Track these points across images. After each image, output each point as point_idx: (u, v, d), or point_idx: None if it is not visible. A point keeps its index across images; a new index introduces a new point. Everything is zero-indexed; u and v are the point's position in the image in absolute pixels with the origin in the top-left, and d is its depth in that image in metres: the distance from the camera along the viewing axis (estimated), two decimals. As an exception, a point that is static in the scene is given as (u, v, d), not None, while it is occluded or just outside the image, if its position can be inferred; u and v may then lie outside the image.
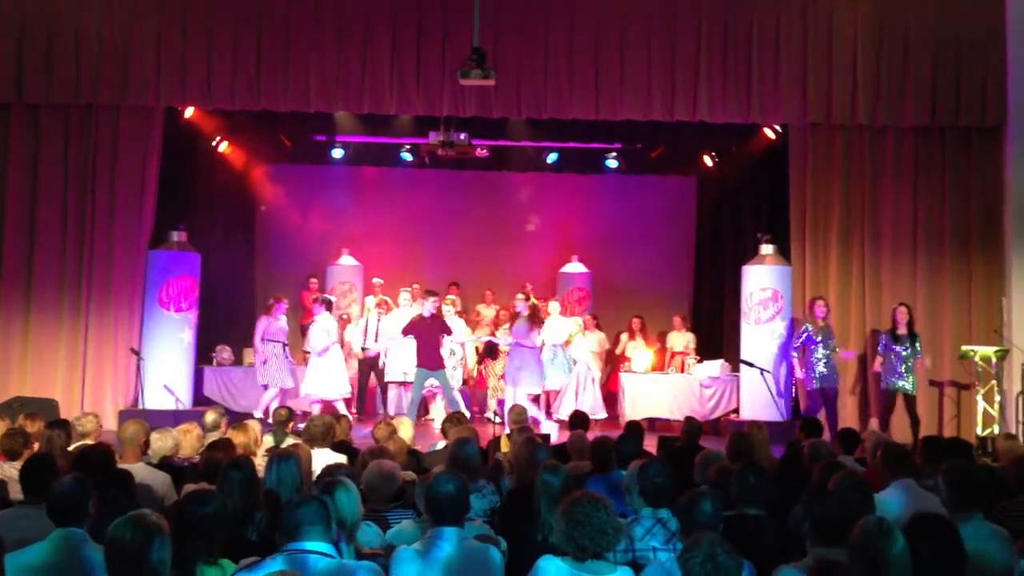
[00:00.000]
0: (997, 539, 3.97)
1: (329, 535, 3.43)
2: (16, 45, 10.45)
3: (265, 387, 10.96)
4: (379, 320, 12.03)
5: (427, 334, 10.43)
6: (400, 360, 11.35)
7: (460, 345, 11.59)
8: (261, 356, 10.98)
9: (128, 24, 10.52)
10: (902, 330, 10.12)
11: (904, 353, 10.04)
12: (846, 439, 6.49)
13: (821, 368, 10.25)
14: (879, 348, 10.29)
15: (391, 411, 11.26)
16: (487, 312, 13.12)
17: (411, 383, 11.39)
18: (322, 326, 10.92)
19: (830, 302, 10.91)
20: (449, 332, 10.73)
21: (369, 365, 12.11)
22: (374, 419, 11.37)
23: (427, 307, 10.53)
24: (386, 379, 11.61)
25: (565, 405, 11.16)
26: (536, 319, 10.68)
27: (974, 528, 3.89)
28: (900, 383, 10.02)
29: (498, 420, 10.32)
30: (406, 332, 10.60)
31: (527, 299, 10.85)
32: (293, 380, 11.11)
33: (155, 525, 3.09)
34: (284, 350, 11.10)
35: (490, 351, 12.27)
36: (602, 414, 11.63)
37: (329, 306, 11.19)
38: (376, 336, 11.97)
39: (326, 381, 10.82)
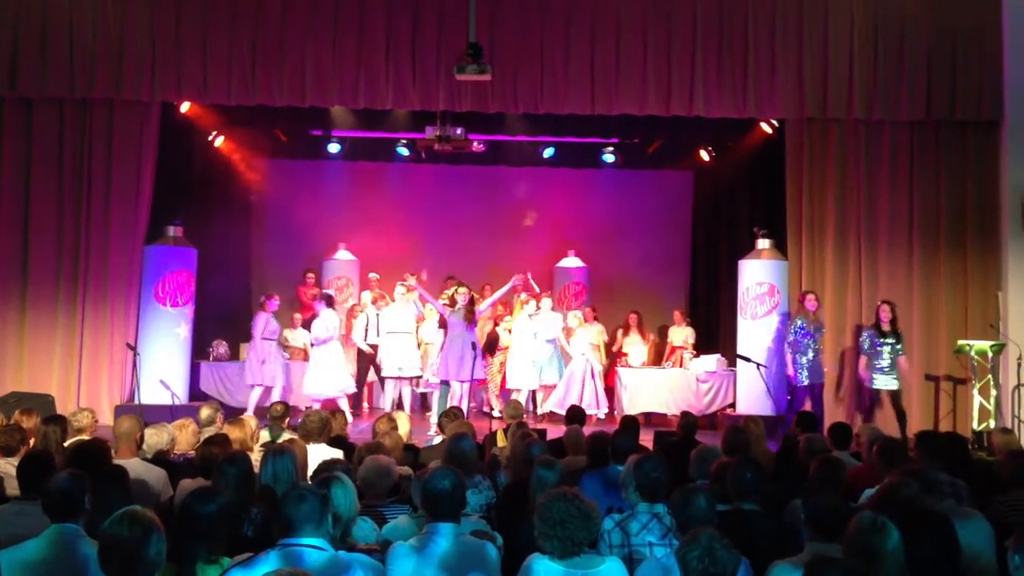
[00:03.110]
0: (991, 536, 3.99)
1: (325, 530, 3.43)
2: (10, 37, 10.40)
3: (252, 386, 10.94)
4: (377, 315, 12.01)
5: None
6: (395, 355, 11.33)
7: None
8: (259, 355, 10.94)
9: (123, 17, 10.48)
10: (886, 327, 10.14)
11: (887, 350, 10.08)
12: (838, 434, 6.47)
13: (807, 364, 10.28)
14: (863, 345, 10.31)
15: (387, 407, 11.25)
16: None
17: (407, 378, 11.39)
18: (322, 322, 10.90)
19: (826, 296, 10.95)
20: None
21: (369, 361, 12.09)
22: (371, 415, 11.42)
23: (460, 298, 10.52)
24: (383, 374, 11.59)
25: (564, 400, 11.13)
26: (471, 313, 10.56)
27: (972, 527, 3.91)
28: (884, 382, 10.07)
29: (497, 415, 10.31)
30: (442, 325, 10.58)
31: (468, 291, 10.71)
32: (286, 376, 11.12)
33: (150, 521, 3.10)
34: (277, 348, 11.09)
35: (490, 346, 12.27)
36: (603, 410, 11.60)
37: (330, 301, 11.16)
38: (378, 331, 11.95)
39: (326, 379, 10.78)
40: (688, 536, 3.21)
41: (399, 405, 11.26)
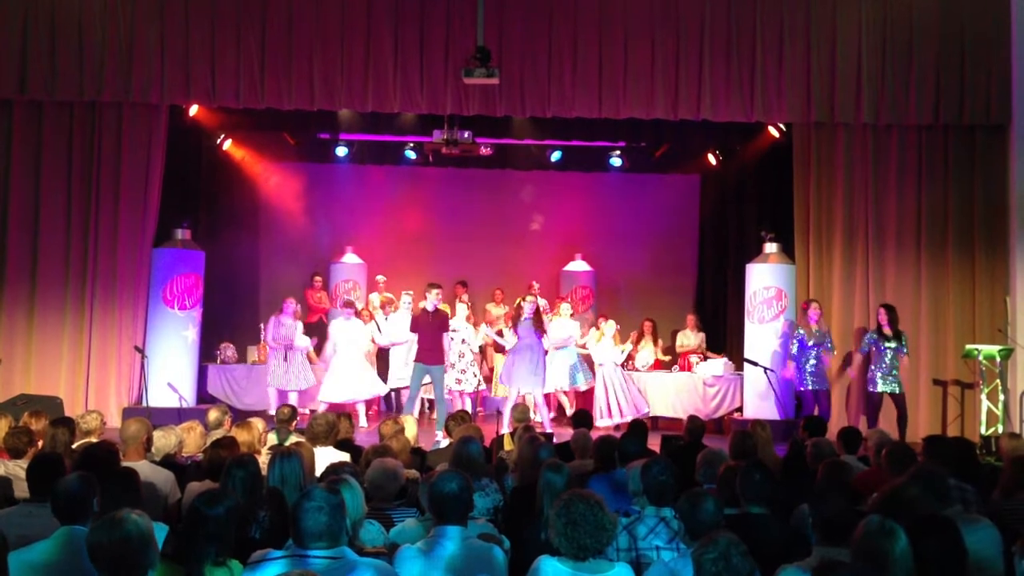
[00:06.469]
0: (998, 541, 3.98)
1: (339, 539, 3.39)
2: (20, 41, 10.45)
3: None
4: (387, 319, 12.02)
5: (428, 329, 10.36)
6: (395, 366, 11.31)
7: (467, 344, 11.43)
8: (269, 358, 11.11)
9: (131, 21, 10.52)
10: (887, 330, 10.13)
11: (889, 354, 10.06)
12: (848, 438, 6.47)
13: (811, 370, 10.30)
14: (863, 347, 10.32)
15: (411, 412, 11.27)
16: (497, 311, 13.10)
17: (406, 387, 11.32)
18: (357, 329, 11.04)
19: (833, 300, 10.95)
20: (447, 328, 10.54)
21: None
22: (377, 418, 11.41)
23: (430, 301, 10.45)
24: (390, 385, 11.58)
25: (612, 408, 11.18)
26: (540, 322, 10.62)
27: (980, 532, 3.90)
28: (887, 386, 10.06)
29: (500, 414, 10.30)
30: (412, 329, 10.52)
31: (535, 299, 10.80)
32: (300, 382, 11.11)
33: (133, 524, 3.09)
34: (286, 353, 11.06)
35: (501, 349, 12.23)
36: (644, 410, 11.42)
37: (356, 309, 11.29)
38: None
39: (346, 384, 10.81)
40: (707, 538, 3.19)
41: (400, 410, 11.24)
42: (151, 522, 3.18)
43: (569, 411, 11.82)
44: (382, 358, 11.97)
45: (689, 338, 12.89)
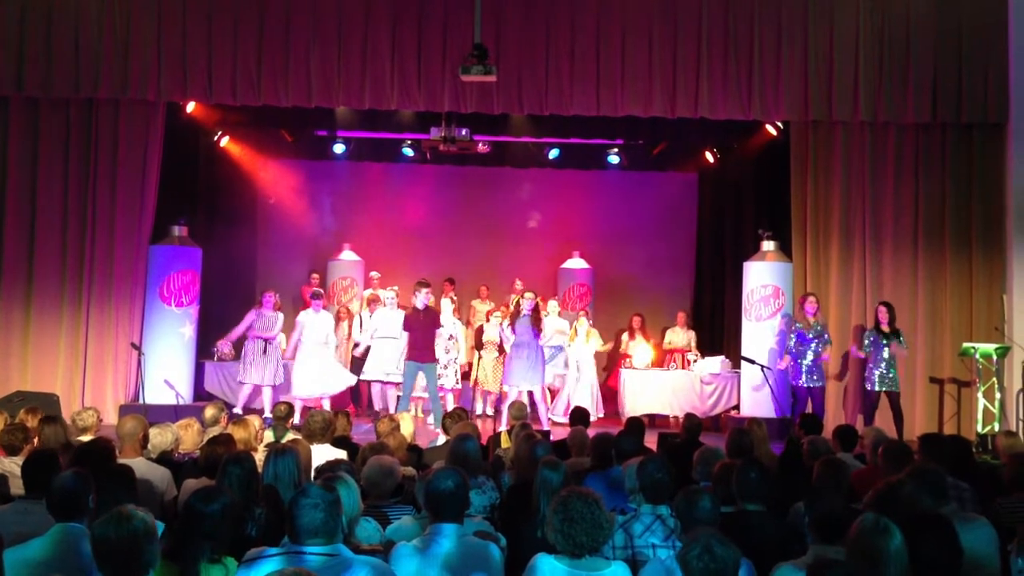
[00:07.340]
0: (994, 539, 3.99)
1: (335, 536, 3.38)
2: (16, 38, 10.44)
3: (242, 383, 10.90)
4: (371, 316, 11.97)
5: (421, 327, 10.32)
6: (383, 360, 11.26)
7: (454, 341, 11.42)
8: (246, 353, 10.86)
9: (128, 17, 10.51)
10: (885, 328, 10.14)
11: (887, 351, 10.06)
12: (844, 436, 6.47)
13: (808, 365, 10.30)
14: (864, 344, 10.34)
15: (376, 407, 11.24)
16: (482, 308, 13.09)
17: (391, 383, 11.18)
18: (328, 323, 10.94)
19: (830, 299, 10.96)
20: (439, 325, 10.54)
21: (361, 361, 12.01)
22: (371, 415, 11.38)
23: (420, 299, 10.39)
24: (363, 377, 11.48)
25: (564, 404, 11.20)
26: (539, 320, 10.63)
27: (976, 530, 3.90)
28: (884, 384, 10.06)
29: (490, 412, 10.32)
30: (404, 328, 10.48)
31: (534, 297, 10.78)
32: (280, 377, 10.94)
33: (140, 520, 3.09)
34: (265, 346, 10.84)
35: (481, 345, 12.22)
36: (599, 413, 11.62)
37: (323, 300, 11.27)
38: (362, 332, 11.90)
39: (313, 379, 10.76)
40: (688, 537, 3.21)
41: (385, 408, 11.17)
42: (155, 520, 3.18)
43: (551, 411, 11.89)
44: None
45: (678, 335, 12.88)
